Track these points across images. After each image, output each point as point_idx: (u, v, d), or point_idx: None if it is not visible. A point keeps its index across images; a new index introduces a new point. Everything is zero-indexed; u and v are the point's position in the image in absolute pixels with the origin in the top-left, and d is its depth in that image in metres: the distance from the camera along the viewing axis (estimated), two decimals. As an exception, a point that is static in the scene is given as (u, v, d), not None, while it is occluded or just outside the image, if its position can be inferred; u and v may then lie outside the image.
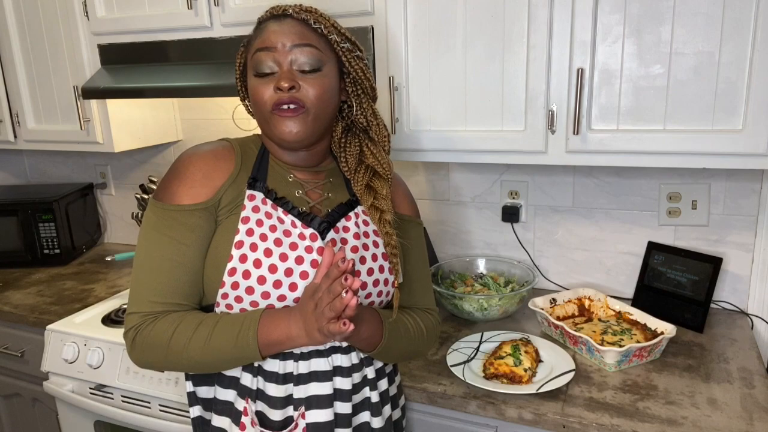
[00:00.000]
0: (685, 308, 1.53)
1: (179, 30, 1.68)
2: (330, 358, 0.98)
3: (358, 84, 1.02)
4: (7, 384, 1.94)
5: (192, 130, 2.21)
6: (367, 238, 1.03)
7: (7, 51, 1.97)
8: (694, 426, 1.12)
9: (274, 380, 0.97)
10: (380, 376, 1.07)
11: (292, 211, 0.99)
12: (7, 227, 2.20)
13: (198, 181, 0.96)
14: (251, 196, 0.98)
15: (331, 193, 1.06)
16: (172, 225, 0.95)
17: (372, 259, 1.02)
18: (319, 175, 1.07)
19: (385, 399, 1.08)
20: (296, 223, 0.98)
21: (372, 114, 1.05)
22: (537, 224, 1.78)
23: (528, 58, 1.34)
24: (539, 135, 1.37)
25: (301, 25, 0.96)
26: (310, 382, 0.97)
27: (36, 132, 2.03)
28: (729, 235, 1.58)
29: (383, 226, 1.02)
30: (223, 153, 1.01)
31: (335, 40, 0.97)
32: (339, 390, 0.99)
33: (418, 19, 1.42)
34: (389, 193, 1.05)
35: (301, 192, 1.03)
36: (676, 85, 1.25)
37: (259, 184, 1.00)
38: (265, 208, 0.98)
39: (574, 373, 1.29)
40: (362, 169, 1.05)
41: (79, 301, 1.88)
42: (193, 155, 0.99)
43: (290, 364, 0.97)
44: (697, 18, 1.20)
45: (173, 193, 0.96)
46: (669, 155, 1.29)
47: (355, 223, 1.03)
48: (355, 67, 1.00)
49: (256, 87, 0.96)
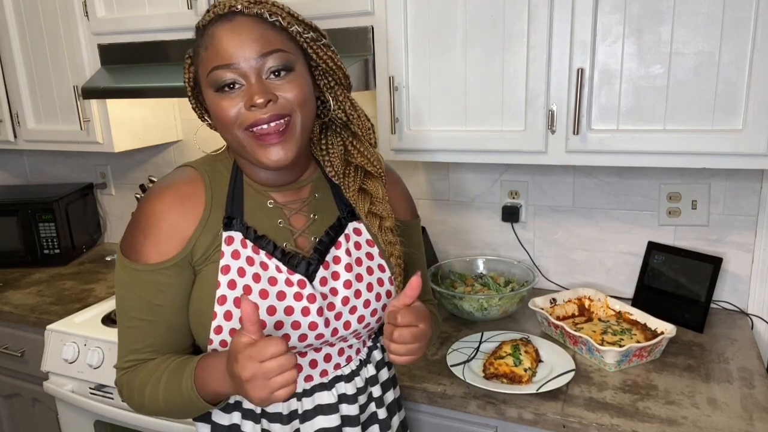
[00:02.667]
0: (685, 308, 1.53)
1: (179, 30, 1.68)
2: (334, 389, 0.95)
3: (329, 75, 0.90)
4: (7, 384, 1.94)
5: (192, 130, 2.20)
6: (360, 266, 0.94)
7: (7, 51, 1.97)
8: (694, 426, 1.12)
9: (278, 420, 0.92)
10: (386, 389, 1.04)
11: (275, 253, 0.89)
12: (7, 227, 2.19)
13: (164, 234, 0.86)
14: (228, 238, 0.88)
15: (318, 213, 0.95)
16: (142, 285, 0.87)
17: (367, 289, 0.94)
18: (301, 191, 0.95)
19: (392, 411, 1.05)
20: (281, 268, 0.89)
21: (350, 106, 0.93)
22: (537, 224, 1.78)
23: (528, 58, 1.34)
24: (539, 135, 1.37)
25: (257, 25, 0.81)
26: (316, 417, 0.94)
27: (36, 132, 2.03)
28: (729, 235, 1.58)
29: (385, 235, 0.95)
30: (189, 192, 0.89)
31: (297, 32, 0.84)
32: (346, 416, 0.96)
33: (418, 19, 1.42)
34: (386, 195, 0.96)
35: (283, 222, 0.92)
36: (676, 85, 1.25)
37: (235, 222, 0.89)
38: (246, 252, 0.88)
39: (574, 373, 1.29)
40: (351, 171, 0.96)
41: (79, 301, 1.88)
42: (155, 202, 0.88)
43: (294, 402, 0.94)
44: (697, 18, 1.20)
45: (139, 252, 0.87)
46: (669, 155, 1.29)
47: (346, 250, 0.94)
48: (323, 57, 0.88)
49: (218, 104, 0.82)
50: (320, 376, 0.95)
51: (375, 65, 1.49)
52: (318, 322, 0.89)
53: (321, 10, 1.48)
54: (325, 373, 0.96)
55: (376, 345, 1.04)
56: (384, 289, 0.96)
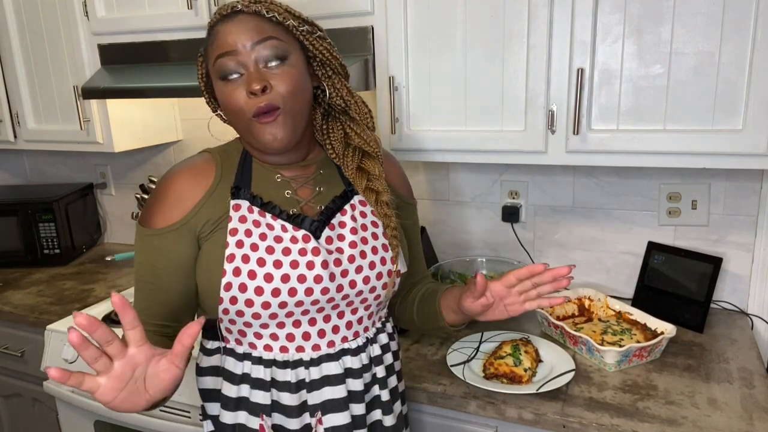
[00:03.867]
0: (685, 308, 1.53)
1: (179, 30, 1.68)
2: (341, 361, 0.98)
3: (326, 65, 0.97)
4: (7, 384, 1.94)
5: (192, 130, 2.21)
6: (366, 231, 1.00)
7: (7, 51, 1.97)
8: (694, 426, 1.12)
9: (287, 389, 0.96)
10: (390, 373, 1.06)
11: (280, 215, 0.96)
12: (7, 227, 2.20)
13: (172, 203, 0.94)
14: (236, 206, 0.95)
15: (324, 186, 1.02)
16: (148, 249, 0.95)
17: (372, 251, 0.99)
18: (308, 168, 1.03)
19: (395, 396, 1.07)
20: (286, 227, 0.95)
21: (348, 93, 1.00)
22: (537, 224, 1.78)
23: (528, 58, 1.34)
24: (539, 135, 1.37)
25: (255, 19, 0.90)
26: (324, 387, 0.97)
27: (36, 132, 2.03)
28: (729, 235, 1.58)
29: (381, 208, 1.00)
30: (201, 167, 0.98)
31: (293, 25, 0.92)
32: (352, 392, 0.98)
33: (418, 19, 1.42)
34: (382, 172, 1.02)
35: (290, 192, 1.00)
36: (676, 85, 1.25)
37: (243, 191, 0.96)
38: (252, 216, 0.95)
39: (574, 373, 1.29)
40: (350, 152, 1.02)
41: (79, 301, 1.88)
42: (169, 176, 0.97)
43: (302, 371, 0.97)
44: (697, 18, 1.20)
45: (149, 218, 0.95)
46: (669, 155, 1.29)
47: (351, 216, 1.00)
48: (319, 48, 0.95)
49: (227, 93, 0.91)
50: (328, 347, 0.98)
51: (375, 65, 1.49)
52: (323, 274, 0.94)
53: (321, 10, 1.48)
54: (333, 344, 0.98)
55: (384, 329, 1.07)
56: (389, 254, 1.01)
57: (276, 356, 0.97)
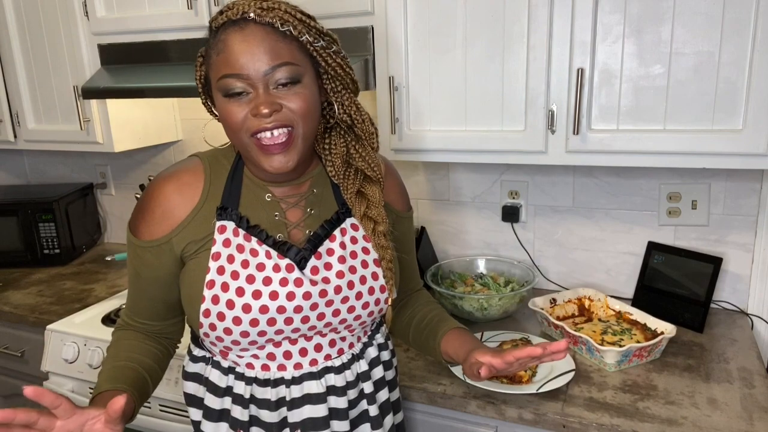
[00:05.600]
0: (685, 308, 1.53)
1: (179, 30, 1.68)
2: (323, 380, 0.96)
3: (338, 80, 0.92)
4: (7, 384, 1.94)
5: (192, 130, 2.21)
6: (355, 259, 0.96)
7: (7, 51, 1.97)
8: (694, 426, 1.12)
9: (266, 407, 0.95)
10: (380, 387, 1.04)
11: (266, 240, 0.92)
12: (7, 227, 2.20)
13: (156, 218, 0.93)
14: (221, 227, 0.92)
15: (315, 208, 0.97)
16: (133, 255, 0.97)
17: (360, 281, 0.95)
18: (301, 187, 0.98)
19: (386, 409, 1.05)
20: (271, 253, 0.91)
21: (356, 110, 0.95)
22: (537, 224, 1.78)
23: (528, 58, 1.34)
24: (539, 135, 1.37)
25: (268, 35, 0.83)
26: (304, 405, 0.95)
27: (36, 132, 2.03)
28: (729, 235, 1.58)
29: (378, 239, 0.97)
30: (189, 180, 0.94)
31: (308, 41, 0.86)
32: (334, 409, 0.97)
33: (418, 19, 1.42)
34: (382, 199, 0.98)
35: (279, 215, 0.95)
36: (676, 85, 1.25)
37: (229, 211, 0.92)
38: (237, 240, 0.91)
39: (574, 373, 1.29)
40: (351, 174, 0.97)
41: (79, 301, 1.88)
42: (157, 186, 0.94)
43: (282, 389, 0.95)
44: (697, 18, 1.20)
45: (136, 227, 0.96)
46: (669, 155, 1.29)
47: (340, 243, 0.95)
48: (332, 64, 0.90)
49: (226, 108, 0.85)
50: (310, 365, 0.96)
51: (375, 65, 1.49)
52: (303, 305, 0.91)
53: (321, 10, 1.47)
54: (315, 363, 0.97)
55: (372, 342, 1.04)
56: (378, 283, 0.97)
57: (257, 374, 0.95)
